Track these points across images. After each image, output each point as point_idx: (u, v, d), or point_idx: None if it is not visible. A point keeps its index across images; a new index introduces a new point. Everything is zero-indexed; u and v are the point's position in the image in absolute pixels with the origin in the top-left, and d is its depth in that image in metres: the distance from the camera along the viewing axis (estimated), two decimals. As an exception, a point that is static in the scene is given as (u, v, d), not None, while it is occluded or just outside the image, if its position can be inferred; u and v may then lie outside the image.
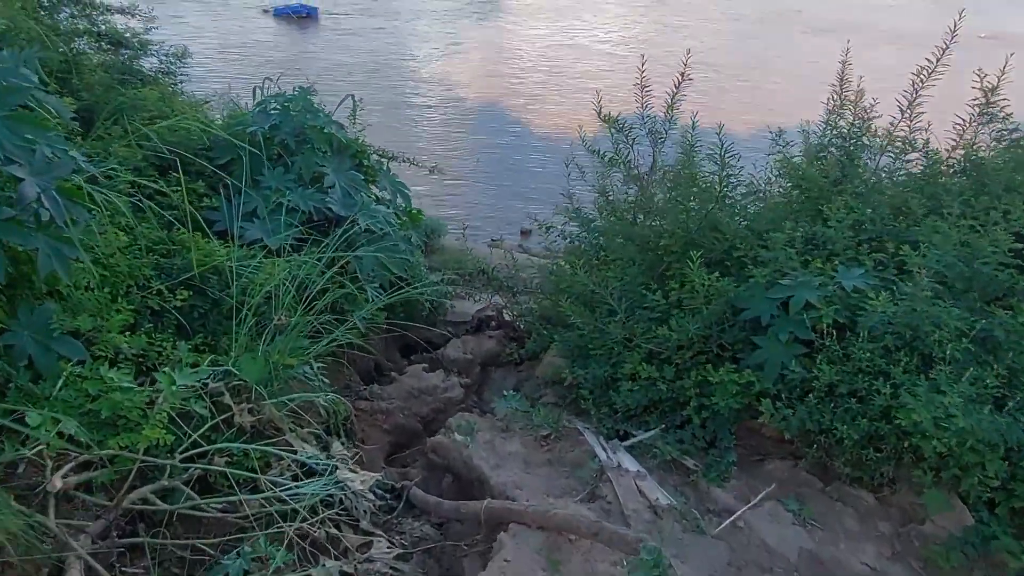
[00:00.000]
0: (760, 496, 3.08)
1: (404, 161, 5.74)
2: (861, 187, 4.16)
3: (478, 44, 19.65)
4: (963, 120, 4.44)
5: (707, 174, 4.34)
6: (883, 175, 4.42)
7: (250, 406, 3.04)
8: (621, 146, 4.81)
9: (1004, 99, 4.27)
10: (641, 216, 5.13)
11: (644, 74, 5.05)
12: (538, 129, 13.56)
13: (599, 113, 4.46)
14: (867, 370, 3.17)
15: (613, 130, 4.55)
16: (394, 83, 16.39)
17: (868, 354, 3.14)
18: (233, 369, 3.04)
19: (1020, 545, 2.78)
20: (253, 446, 2.85)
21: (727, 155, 3.70)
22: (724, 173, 3.75)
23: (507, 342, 5.69)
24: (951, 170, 4.31)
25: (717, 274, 3.58)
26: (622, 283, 4.16)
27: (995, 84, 4.27)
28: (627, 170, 4.82)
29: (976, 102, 4.35)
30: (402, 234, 5.19)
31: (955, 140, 4.42)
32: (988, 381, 2.90)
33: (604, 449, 3.32)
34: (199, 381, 2.86)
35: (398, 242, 5.08)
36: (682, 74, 4.97)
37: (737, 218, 4.30)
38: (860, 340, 3.18)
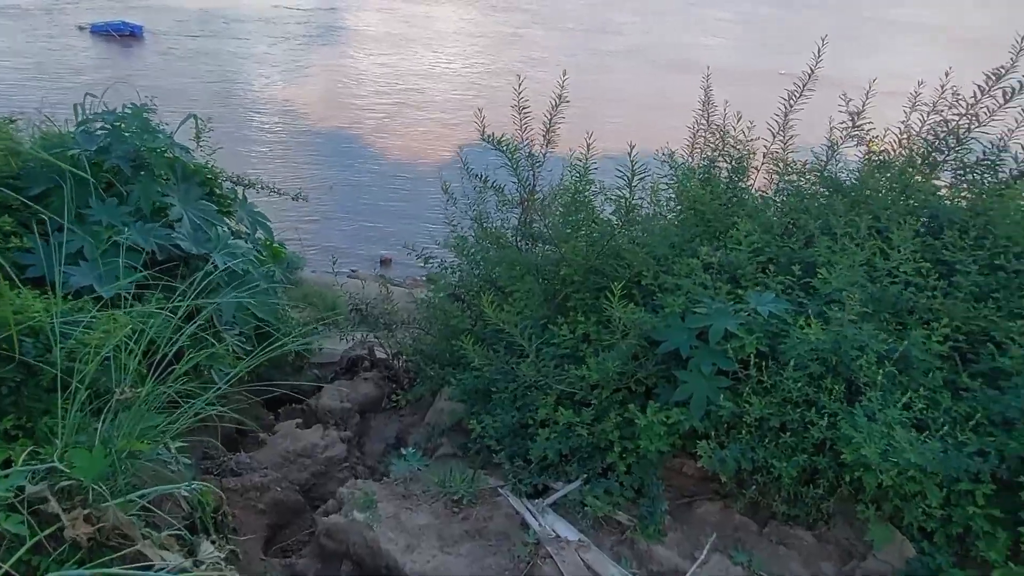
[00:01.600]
0: (705, 550, 2.72)
1: (263, 189, 4.96)
2: (751, 209, 4.01)
3: (325, 70, 18.64)
4: (829, 141, 4.47)
5: (598, 195, 4.02)
6: (766, 196, 4.33)
7: (87, 512, 2.24)
8: (504, 168, 4.43)
9: (869, 122, 4.33)
10: (526, 243, 4.74)
11: (520, 97, 4.74)
12: (392, 158, 12.92)
13: (482, 134, 4.01)
14: (795, 400, 2.92)
15: (498, 151, 4.12)
16: (234, 109, 15.05)
17: (796, 384, 2.90)
18: (60, 465, 2.23)
19: (966, 574, 2.61)
20: (90, 571, 2.08)
21: (634, 177, 3.35)
22: (632, 197, 3.41)
23: (384, 384, 5.07)
24: (825, 190, 4.29)
25: (631, 305, 3.22)
26: (523, 317, 3.72)
27: (860, 108, 4.32)
28: (505, 195, 4.44)
29: (843, 124, 4.39)
30: (264, 271, 4.44)
31: (820, 162, 4.44)
32: (917, 405, 2.74)
33: (533, 514, 2.83)
34: (11, 489, 2.05)
35: (261, 281, 4.34)
36: (559, 96, 4.72)
37: (635, 242, 4.02)
38: (786, 369, 2.93)
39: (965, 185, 4.16)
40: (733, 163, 4.39)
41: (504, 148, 4.09)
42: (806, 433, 2.83)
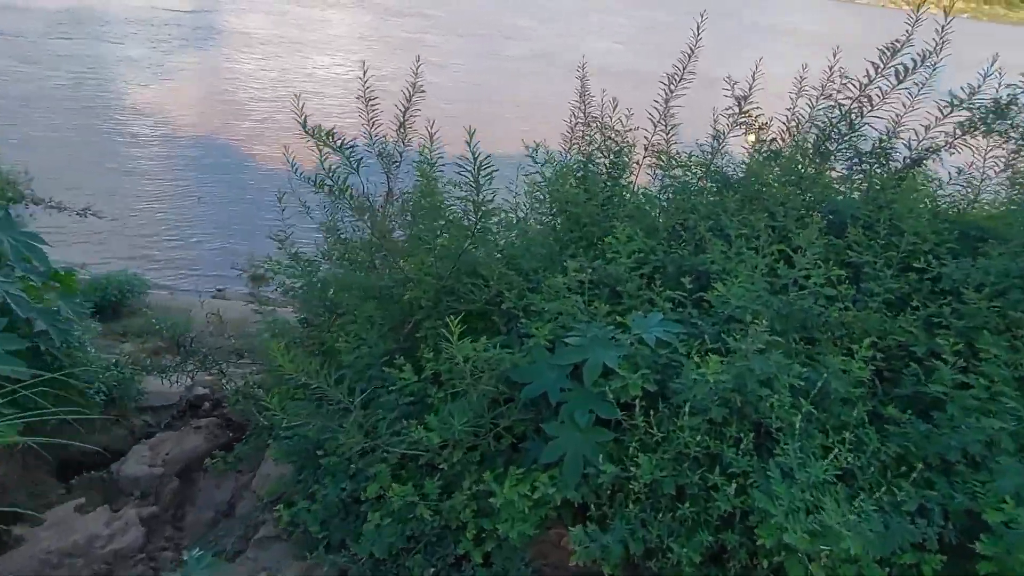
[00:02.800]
0: None
1: (38, 203, 3.79)
2: (632, 209, 3.26)
3: (202, 74, 16.79)
4: (715, 130, 3.81)
5: (453, 198, 3.14)
6: (649, 193, 3.60)
7: None
8: (343, 170, 3.48)
9: (757, 107, 3.67)
10: (380, 259, 3.81)
11: (367, 87, 3.84)
12: (269, 166, 11.50)
13: (304, 125, 3.05)
14: (694, 455, 2.15)
15: (330, 149, 3.16)
16: (94, 114, 13.17)
17: (694, 435, 2.13)
18: None
19: None
20: None
21: (481, 172, 2.46)
22: (480, 198, 2.55)
23: (222, 433, 4.01)
24: (714, 186, 3.61)
25: (484, 340, 2.36)
26: (359, 357, 2.81)
27: (747, 92, 3.66)
28: (352, 200, 3.49)
29: (728, 111, 3.72)
30: (39, 308, 3.32)
31: (706, 155, 3.76)
32: (842, 455, 2.02)
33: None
34: None
35: (37, 317, 3.24)
36: (413, 85, 3.85)
37: (497, 255, 3.17)
38: (681, 414, 2.16)
39: (861, 176, 3.59)
40: (612, 157, 3.65)
41: (335, 146, 3.13)
42: (710, 502, 2.06)
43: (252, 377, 3.61)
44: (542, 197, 3.37)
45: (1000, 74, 3.49)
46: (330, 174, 2.71)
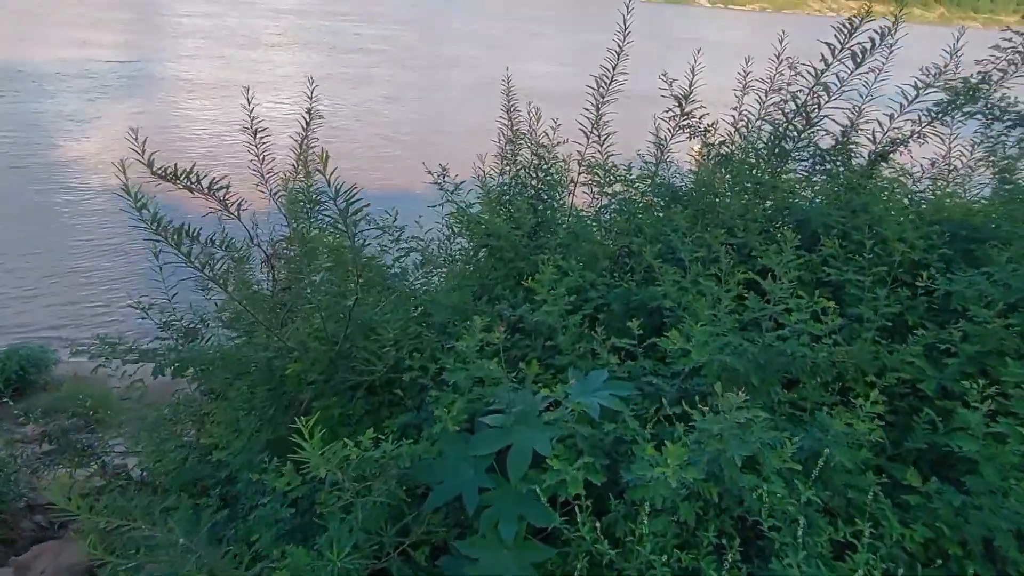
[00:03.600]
0: None
1: None
2: (567, 236, 2.65)
3: (133, 124, 15.90)
4: (656, 135, 3.26)
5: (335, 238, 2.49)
6: (583, 215, 3.01)
7: None
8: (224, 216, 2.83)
9: (700, 106, 3.13)
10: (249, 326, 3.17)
11: (252, 116, 3.26)
12: (212, 220, 10.67)
13: (150, 165, 2.37)
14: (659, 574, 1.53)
15: (187, 191, 2.49)
16: (22, 175, 12.19)
17: (660, 550, 1.50)
18: None
19: None
20: None
21: (353, 206, 1.80)
22: (352, 231, 1.89)
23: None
24: (660, 201, 3.03)
25: (371, 432, 1.71)
26: (231, 453, 2.13)
27: (688, 90, 3.11)
28: (186, 246, 2.84)
29: (669, 113, 3.17)
30: None
31: (649, 167, 3.20)
32: (861, 558, 1.42)
33: None
34: None
35: None
36: (309, 111, 3.31)
37: (414, 301, 2.54)
38: (640, 518, 1.53)
39: (825, 176, 3.06)
40: (543, 176, 3.06)
41: (187, 183, 2.45)
42: (687, 648, 1.44)
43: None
44: (458, 230, 2.76)
45: (958, 56, 3.04)
46: (155, 220, 2.02)
